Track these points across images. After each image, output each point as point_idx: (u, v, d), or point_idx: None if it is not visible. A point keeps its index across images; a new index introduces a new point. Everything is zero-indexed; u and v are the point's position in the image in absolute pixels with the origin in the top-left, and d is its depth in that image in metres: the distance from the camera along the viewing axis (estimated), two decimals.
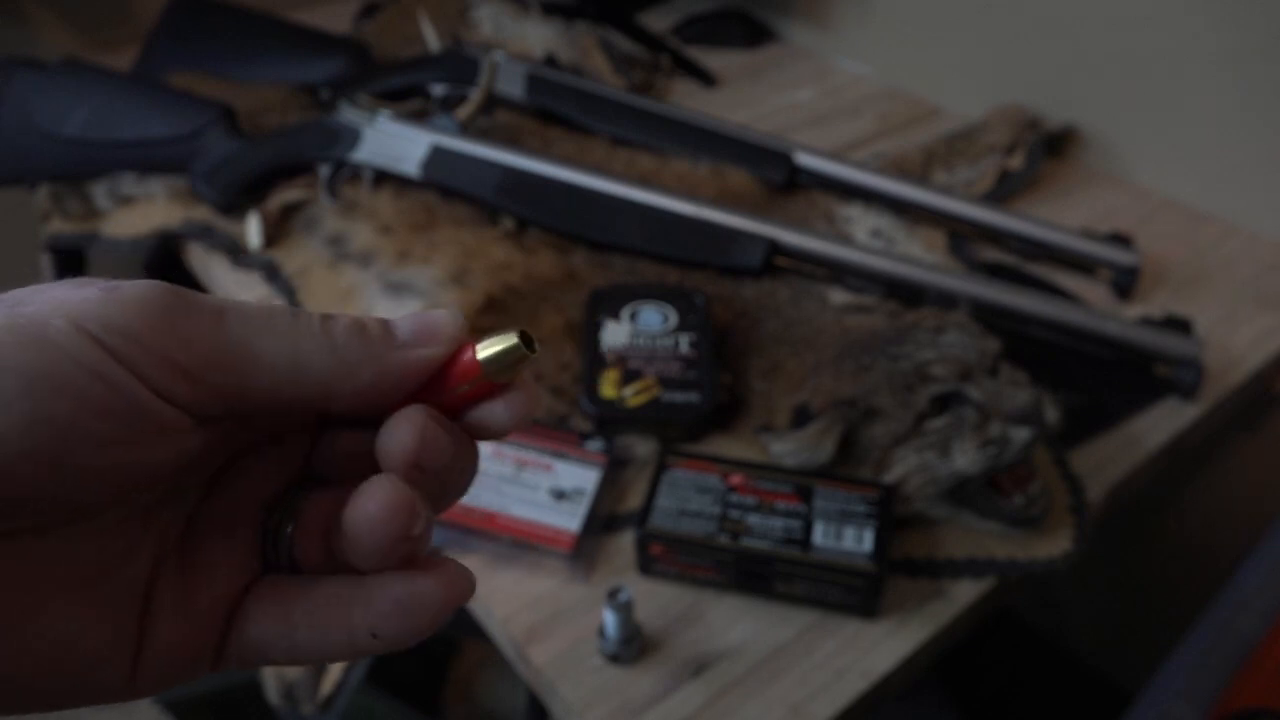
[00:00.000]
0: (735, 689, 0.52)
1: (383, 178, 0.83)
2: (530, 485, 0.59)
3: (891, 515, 0.55)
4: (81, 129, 0.85)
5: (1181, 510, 0.96)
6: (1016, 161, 0.90)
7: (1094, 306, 0.76)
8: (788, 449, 0.59)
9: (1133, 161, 0.93)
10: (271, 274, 0.79)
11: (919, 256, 0.80)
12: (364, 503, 0.22)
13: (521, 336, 0.23)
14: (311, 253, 0.80)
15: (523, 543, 0.57)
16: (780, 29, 1.23)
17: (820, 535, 0.54)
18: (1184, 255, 0.84)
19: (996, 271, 0.81)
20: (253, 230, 0.81)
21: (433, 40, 0.99)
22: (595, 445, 0.62)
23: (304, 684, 0.63)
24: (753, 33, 1.21)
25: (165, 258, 0.87)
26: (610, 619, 0.51)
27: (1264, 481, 0.88)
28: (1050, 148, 0.94)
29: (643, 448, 0.64)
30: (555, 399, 0.66)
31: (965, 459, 0.55)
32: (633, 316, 0.69)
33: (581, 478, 0.60)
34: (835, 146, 0.97)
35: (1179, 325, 0.71)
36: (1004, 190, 0.90)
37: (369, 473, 0.24)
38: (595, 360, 0.66)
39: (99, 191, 0.86)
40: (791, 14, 1.20)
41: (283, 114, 0.91)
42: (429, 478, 0.23)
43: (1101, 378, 0.71)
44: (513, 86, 0.94)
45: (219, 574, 0.24)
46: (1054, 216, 0.86)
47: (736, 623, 0.55)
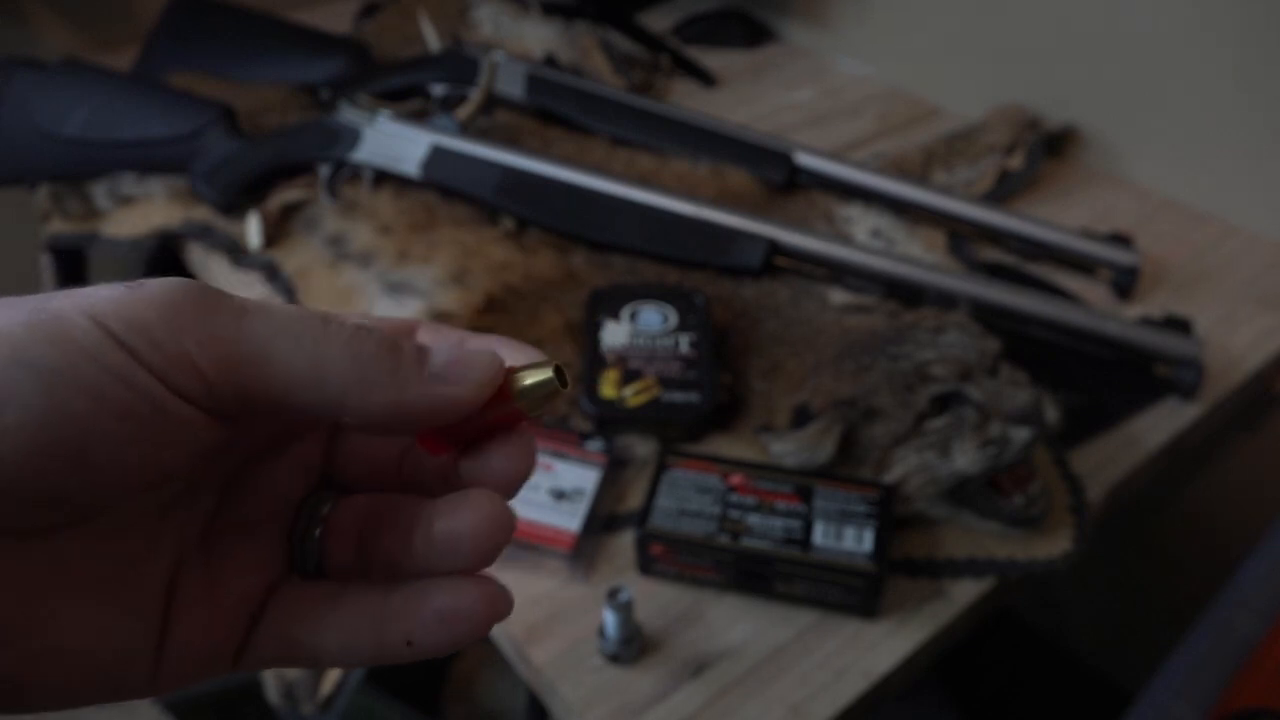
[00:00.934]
0: (735, 689, 0.52)
1: (383, 178, 0.83)
2: (530, 485, 0.59)
3: (891, 515, 0.56)
4: (81, 129, 0.85)
5: (1181, 510, 0.96)
6: (1016, 161, 0.90)
7: (1094, 306, 0.76)
8: (788, 449, 0.59)
9: (1133, 161, 0.93)
10: (271, 274, 0.79)
11: (919, 256, 0.80)
12: (465, 514, 0.22)
13: (556, 371, 0.23)
14: (311, 253, 0.80)
15: (523, 543, 0.57)
16: (780, 29, 1.23)
17: (820, 535, 0.54)
18: (1184, 255, 0.84)
19: (996, 271, 0.81)
20: (253, 230, 0.81)
21: (433, 40, 0.99)
22: (595, 445, 0.62)
23: (304, 684, 0.63)
24: (752, 33, 1.21)
25: (165, 258, 0.87)
26: (610, 619, 0.51)
27: (1264, 481, 0.88)
28: (1050, 148, 0.94)
29: (643, 448, 0.64)
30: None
31: (965, 459, 0.55)
32: (633, 316, 0.69)
33: (581, 478, 0.60)
34: (835, 146, 0.97)
35: (1179, 325, 0.71)
36: (1004, 190, 0.90)
37: (391, 481, 0.25)
38: (595, 360, 0.66)
39: (99, 191, 0.86)
40: (791, 14, 1.20)
41: (283, 114, 0.91)
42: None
43: (1101, 378, 0.71)
44: (513, 86, 0.94)
45: (242, 574, 0.24)
46: (1054, 216, 0.86)
47: (736, 623, 0.55)
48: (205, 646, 0.23)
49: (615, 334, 0.68)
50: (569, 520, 0.58)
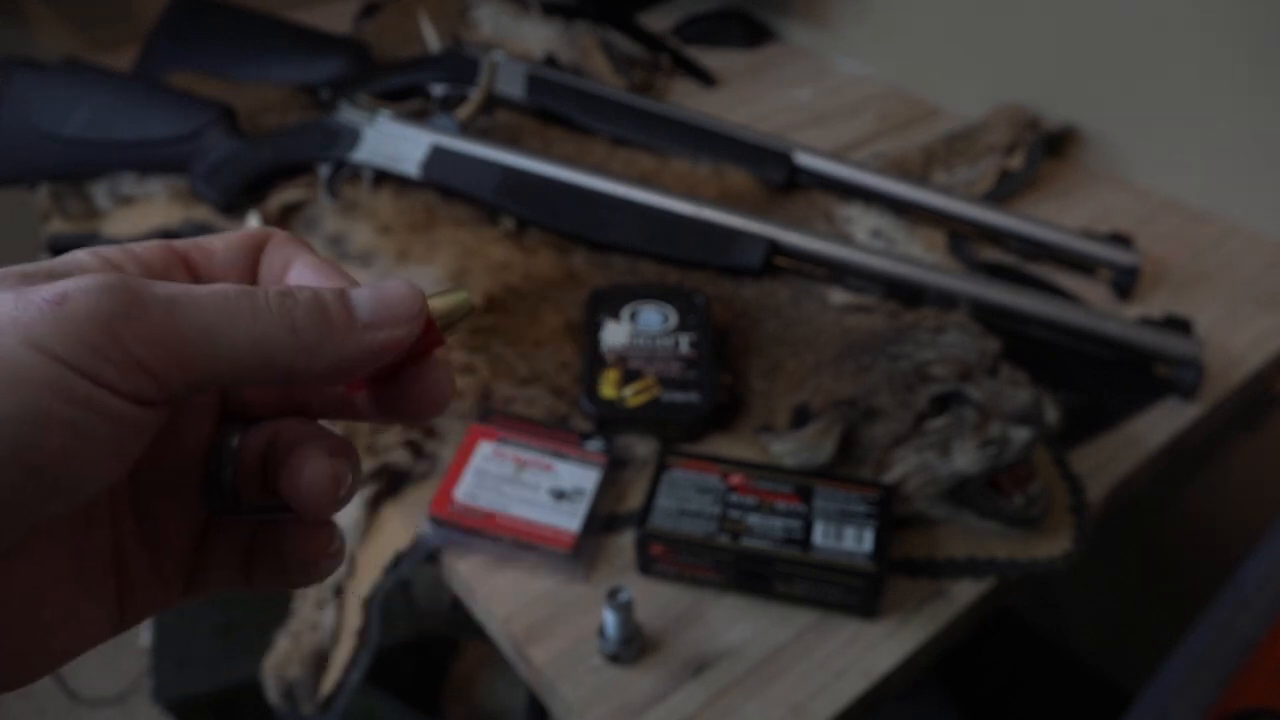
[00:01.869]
0: (735, 689, 0.52)
1: (383, 178, 0.83)
2: (530, 485, 0.59)
3: (891, 515, 0.55)
4: (81, 129, 0.85)
5: (1181, 510, 0.96)
6: (1016, 161, 0.90)
7: (1094, 306, 0.76)
8: (788, 449, 0.59)
9: (1133, 162, 0.93)
10: None
11: (919, 256, 0.80)
12: (295, 478, 0.24)
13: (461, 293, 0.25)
14: None
15: (523, 543, 0.57)
16: (780, 29, 1.23)
17: (820, 535, 0.54)
18: (1184, 255, 0.84)
19: (996, 271, 0.81)
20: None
21: (433, 40, 0.99)
22: (595, 445, 0.62)
23: (304, 684, 0.63)
24: (753, 32, 1.21)
25: None
26: (610, 619, 0.51)
27: (1264, 481, 0.88)
28: (1050, 148, 0.94)
29: (643, 448, 0.64)
30: (555, 399, 0.66)
31: (965, 459, 0.55)
32: (633, 316, 0.69)
33: (581, 478, 0.60)
34: (835, 146, 0.97)
35: (1179, 325, 0.71)
36: (1004, 190, 0.90)
37: (288, 405, 0.27)
38: (595, 360, 0.66)
39: (99, 191, 0.86)
40: (791, 14, 1.20)
41: (283, 114, 0.91)
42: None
43: (1101, 378, 0.71)
44: (513, 86, 0.94)
45: (176, 530, 0.26)
46: (1054, 216, 0.86)
47: (736, 623, 0.55)
48: (157, 598, 0.25)
49: (615, 334, 0.68)
50: (569, 520, 0.58)
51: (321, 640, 0.62)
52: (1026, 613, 1.17)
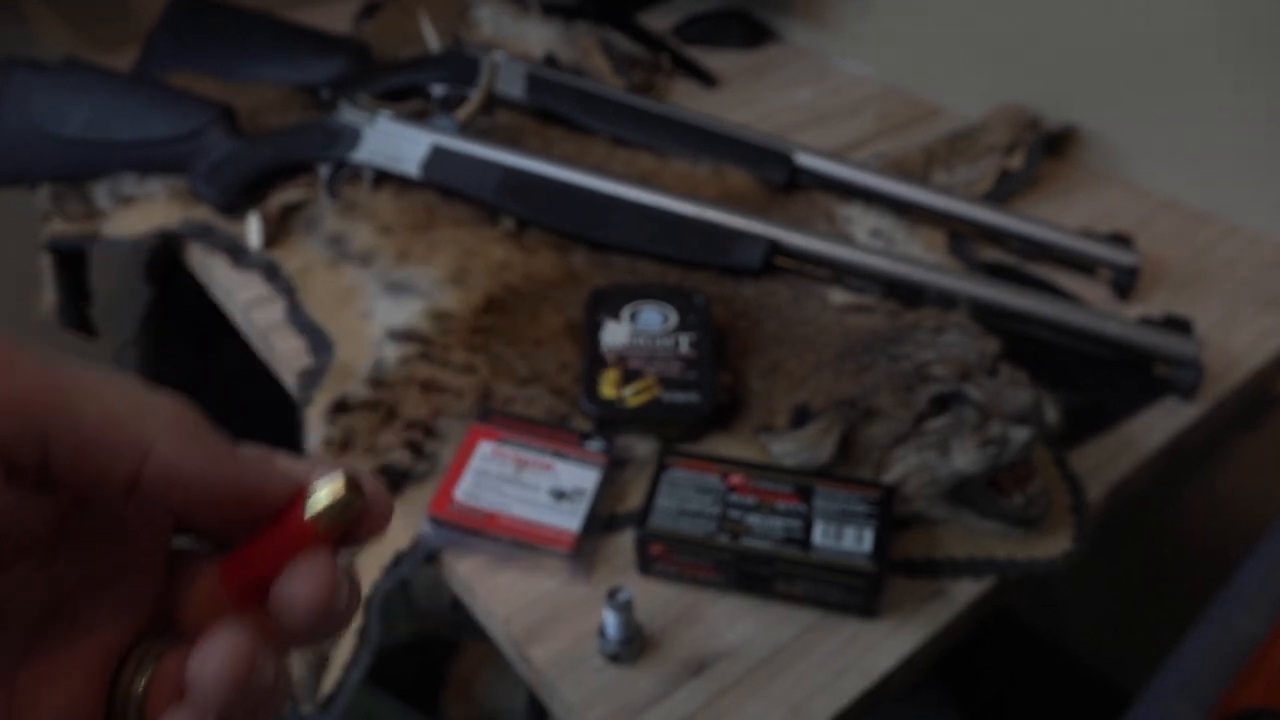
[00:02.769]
0: (735, 689, 0.52)
1: (383, 178, 0.83)
2: (530, 485, 0.59)
3: (891, 515, 0.55)
4: (82, 129, 0.85)
5: (1181, 510, 0.96)
6: (1016, 161, 0.90)
7: (1094, 306, 0.76)
8: (788, 449, 0.59)
9: (1133, 162, 0.93)
10: (271, 273, 0.79)
11: (919, 256, 0.80)
12: (202, 662, 0.22)
13: (349, 484, 0.23)
14: (312, 253, 0.80)
15: (523, 543, 0.57)
16: (780, 29, 1.23)
17: (820, 535, 0.54)
18: (1184, 255, 0.84)
19: (996, 271, 0.81)
20: (253, 230, 0.81)
21: (433, 40, 0.99)
22: (595, 445, 0.62)
23: (304, 683, 0.63)
24: (753, 33, 1.21)
25: (166, 258, 0.87)
26: (610, 619, 0.51)
27: (1264, 481, 0.88)
28: (1050, 148, 0.94)
29: (643, 448, 0.64)
30: (555, 399, 0.66)
31: (965, 459, 0.55)
32: (633, 316, 0.69)
33: (581, 477, 0.60)
34: (835, 146, 0.97)
35: (1179, 325, 0.71)
36: (1004, 190, 0.90)
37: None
38: (595, 360, 0.66)
39: (100, 192, 0.87)
40: (792, 14, 1.20)
41: (283, 114, 0.91)
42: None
43: (1101, 378, 0.71)
44: (513, 86, 0.94)
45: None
46: (1054, 216, 0.86)
47: (736, 623, 0.55)
48: None
49: (615, 334, 0.68)
50: (569, 520, 0.58)
51: None
52: (1026, 613, 1.17)
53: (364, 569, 0.60)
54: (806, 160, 0.88)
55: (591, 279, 0.76)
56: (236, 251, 0.82)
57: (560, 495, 0.59)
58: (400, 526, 0.60)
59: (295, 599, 0.22)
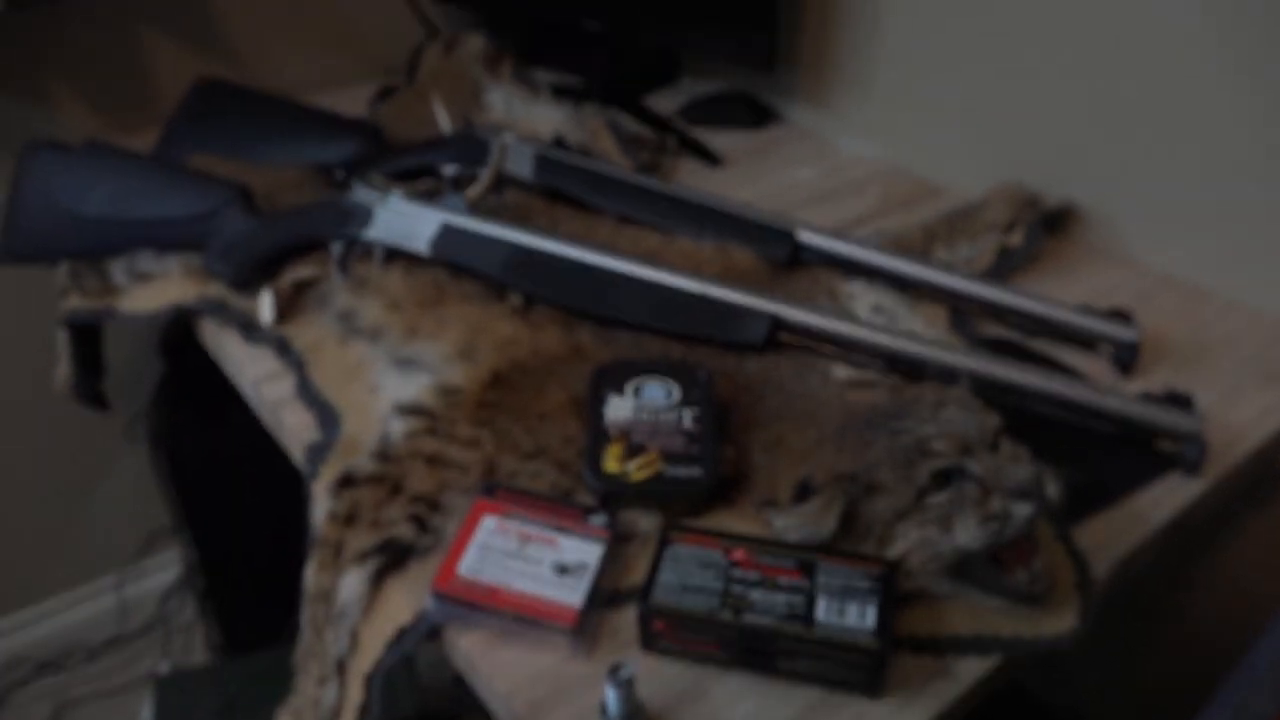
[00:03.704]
0: None
1: (394, 255, 0.85)
2: (533, 560, 0.59)
3: (894, 591, 0.55)
4: (102, 208, 0.87)
5: (1192, 586, 0.95)
6: (1016, 239, 0.92)
7: (1095, 382, 0.77)
8: (790, 524, 0.59)
9: (1132, 238, 0.94)
10: (282, 348, 0.81)
11: (920, 332, 0.81)
12: None
13: None
14: (322, 328, 0.81)
15: (525, 618, 0.57)
16: (784, 110, 1.26)
17: (823, 611, 0.54)
18: (1185, 331, 0.84)
19: (998, 347, 0.82)
20: (265, 306, 0.82)
21: (445, 123, 1.02)
22: (598, 520, 0.62)
23: None
24: (757, 114, 1.24)
25: (179, 332, 0.88)
26: (612, 696, 0.51)
27: (1273, 559, 0.87)
28: (1050, 225, 0.96)
29: (646, 522, 0.64)
30: (560, 473, 0.66)
31: (967, 534, 0.55)
32: (637, 391, 0.70)
33: (584, 552, 0.60)
34: (837, 224, 0.99)
35: (1180, 401, 0.71)
36: (1004, 267, 0.91)
37: None
38: (599, 435, 0.67)
39: (117, 269, 0.88)
40: (795, 96, 1.24)
41: (298, 193, 0.93)
42: None
43: (1104, 453, 0.71)
44: (522, 167, 0.96)
45: None
46: (1054, 293, 0.87)
47: (739, 701, 0.55)
48: None
49: (619, 408, 0.68)
50: (571, 595, 0.57)
51: (324, 717, 0.61)
52: (1037, 687, 1.15)
53: (367, 644, 0.60)
54: (809, 237, 0.89)
55: (597, 355, 0.77)
56: (248, 327, 0.83)
57: (563, 570, 0.59)
58: (404, 602, 0.60)
59: None
